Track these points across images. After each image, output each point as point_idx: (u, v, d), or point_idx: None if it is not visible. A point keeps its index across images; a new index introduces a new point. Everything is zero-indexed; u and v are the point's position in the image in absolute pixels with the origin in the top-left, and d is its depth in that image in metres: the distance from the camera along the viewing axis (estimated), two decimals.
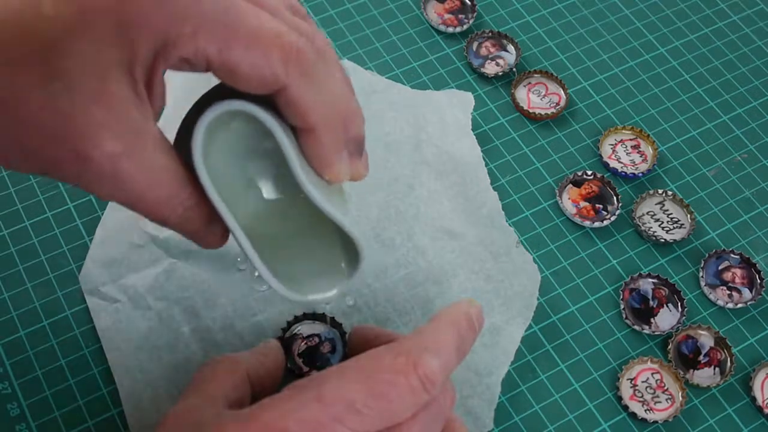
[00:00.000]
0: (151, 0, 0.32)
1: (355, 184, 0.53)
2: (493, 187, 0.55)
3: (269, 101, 0.36)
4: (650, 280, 0.52)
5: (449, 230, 0.52)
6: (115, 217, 0.51)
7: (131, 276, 0.49)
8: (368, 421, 0.34)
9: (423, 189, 0.53)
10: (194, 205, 0.36)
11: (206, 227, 0.37)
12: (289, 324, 0.48)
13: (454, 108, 0.57)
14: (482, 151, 0.56)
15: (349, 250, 0.40)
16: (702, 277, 0.52)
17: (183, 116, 0.38)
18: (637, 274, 0.52)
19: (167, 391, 0.46)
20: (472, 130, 0.57)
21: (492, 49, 0.61)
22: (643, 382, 0.48)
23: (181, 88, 0.44)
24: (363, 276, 0.50)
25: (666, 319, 0.51)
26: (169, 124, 0.38)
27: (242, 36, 0.34)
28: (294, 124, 0.37)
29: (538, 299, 0.51)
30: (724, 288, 0.52)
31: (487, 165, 0.56)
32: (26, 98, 0.32)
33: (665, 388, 0.48)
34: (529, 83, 0.60)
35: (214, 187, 0.36)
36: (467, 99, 0.57)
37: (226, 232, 0.38)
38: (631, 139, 0.57)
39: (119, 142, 0.33)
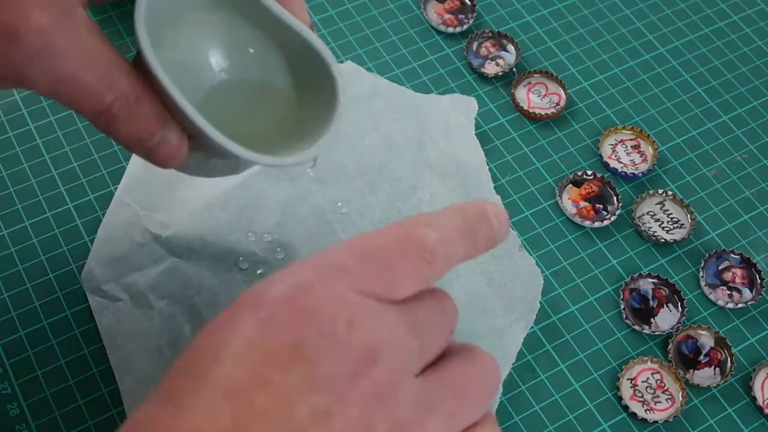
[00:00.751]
0: None
1: (357, 185, 0.53)
2: (494, 187, 0.55)
3: None
4: (650, 280, 0.52)
5: None
6: (117, 215, 0.51)
7: (133, 274, 0.49)
8: (360, 282, 0.30)
9: (425, 191, 0.53)
10: (139, 98, 0.34)
11: (157, 128, 0.35)
12: None
13: (458, 112, 0.57)
14: (482, 151, 0.56)
15: (317, 108, 0.38)
16: (702, 277, 0.52)
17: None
18: (637, 274, 0.52)
19: None
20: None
21: (492, 49, 0.61)
22: (643, 382, 0.48)
23: None
24: None
25: (666, 319, 0.51)
26: None
27: None
28: None
29: (539, 302, 0.51)
30: (724, 288, 0.52)
31: (487, 165, 0.56)
32: None
33: (665, 388, 0.48)
34: (529, 83, 0.60)
35: (161, 66, 0.34)
36: (471, 104, 0.57)
37: (181, 139, 0.36)
38: (631, 139, 0.57)
39: (47, 14, 0.32)
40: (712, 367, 0.49)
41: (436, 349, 0.31)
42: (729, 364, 0.49)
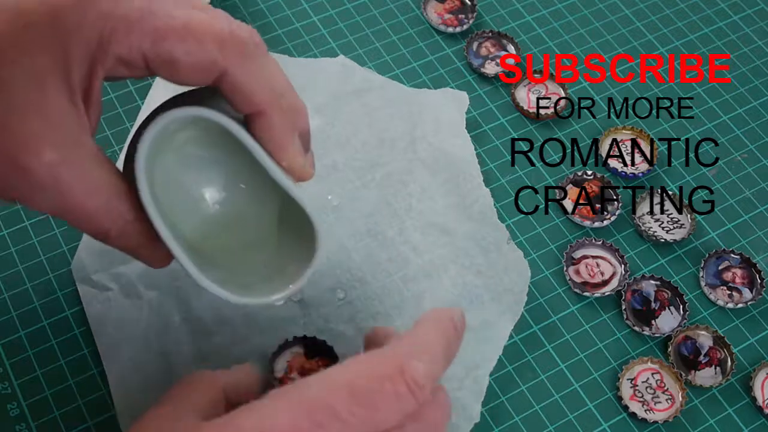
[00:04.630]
0: (81, 1, 0.33)
1: (347, 179, 0.53)
2: (493, 187, 0.55)
3: (218, 104, 0.37)
4: (653, 282, 0.52)
5: (441, 226, 0.52)
6: None
7: (123, 265, 0.50)
8: (351, 429, 0.33)
9: (416, 185, 0.54)
10: (134, 219, 0.36)
11: (149, 244, 0.38)
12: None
13: (449, 106, 0.57)
14: (482, 151, 0.56)
15: (303, 256, 0.40)
16: (702, 277, 0.52)
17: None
18: (641, 275, 0.52)
19: (156, 379, 0.46)
20: (473, 129, 0.57)
21: (492, 49, 0.61)
22: (643, 382, 0.48)
23: None
24: (355, 269, 0.50)
25: (667, 321, 0.51)
26: None
27: (174, 27, 0.34)
28: (243, 112, 0.37)
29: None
30: (725, 288, 0.52)
31: (486, 165, 0.56)
32: None
33: (665, 388, 0.48)
34: (529, 83, 0.60)
35: (152, 200, 0.36)
36: (462, 98, 0.58)
37: (168, 253, 0.38)
38: (631, 139, 0.57)
39: (58, 151, 0.33)
40: (713, 367, 0.49)
41: None
42: (729, 363, 0.49)
